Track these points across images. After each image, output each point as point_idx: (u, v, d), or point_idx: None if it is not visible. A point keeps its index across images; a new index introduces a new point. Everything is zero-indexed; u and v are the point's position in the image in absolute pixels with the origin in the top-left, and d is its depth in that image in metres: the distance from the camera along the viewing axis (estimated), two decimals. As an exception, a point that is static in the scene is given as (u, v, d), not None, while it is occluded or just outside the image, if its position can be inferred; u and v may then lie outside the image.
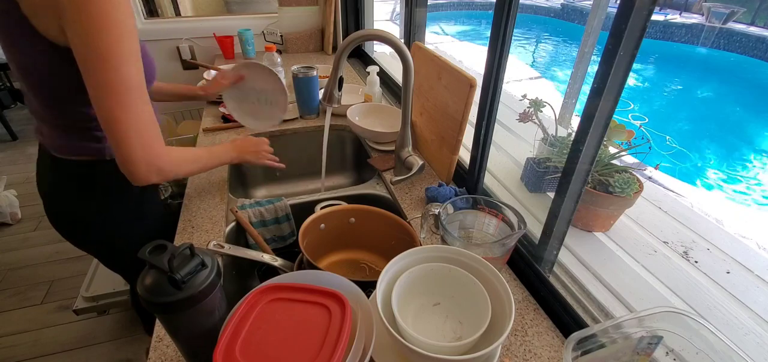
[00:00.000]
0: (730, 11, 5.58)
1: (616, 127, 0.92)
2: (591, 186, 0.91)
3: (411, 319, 0.57)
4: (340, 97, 0.90)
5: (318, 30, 2.05)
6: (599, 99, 0.54)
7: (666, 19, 6.22)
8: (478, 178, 0.92)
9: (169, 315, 0.48)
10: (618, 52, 0.50)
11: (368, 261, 0.85)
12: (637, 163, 1.00)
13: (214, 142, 1.18)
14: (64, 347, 1.53)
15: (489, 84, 0.81)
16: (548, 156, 1.04)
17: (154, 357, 0.60)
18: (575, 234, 0.95)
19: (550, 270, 0.73)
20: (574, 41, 6.64)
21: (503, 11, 0.72)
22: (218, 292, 0.50)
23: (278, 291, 0.51)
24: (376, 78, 1.33)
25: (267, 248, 0.83)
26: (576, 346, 0.48)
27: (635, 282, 0.84)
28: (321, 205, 0.83)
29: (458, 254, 0.58)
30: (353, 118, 1.19)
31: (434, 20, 7.97)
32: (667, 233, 1.03)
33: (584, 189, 0.63)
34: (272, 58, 1.33)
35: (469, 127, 0.90)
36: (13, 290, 1.76)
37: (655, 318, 0.50)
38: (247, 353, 0.44)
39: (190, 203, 0.92)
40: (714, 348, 0.47)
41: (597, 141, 0.58)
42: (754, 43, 5.50)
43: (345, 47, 0.82)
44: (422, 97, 1.08)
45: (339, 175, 1.38)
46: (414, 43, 1.14)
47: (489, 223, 0.73)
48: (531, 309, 0.69)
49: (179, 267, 0.45)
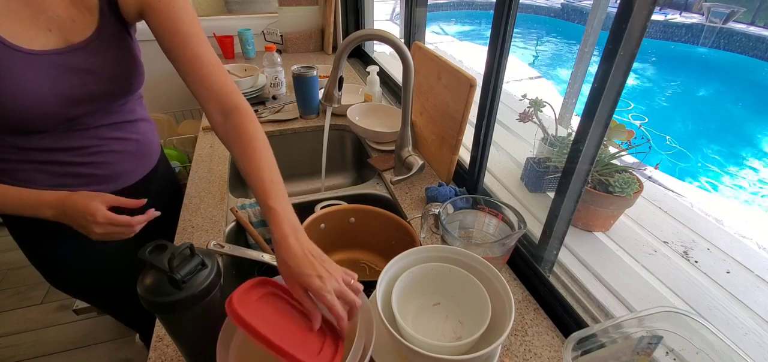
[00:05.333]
0: (730, 11, 5.58)
1: (616, 127, 0.92)
2: (591, 186, 0.91)
3: (411, 319, 0.57)
4: (340, 97, 0.90)
5: (318, 30, 2.05)
6: (599, 99, 0.54)
7: (666, 18, 6.22)
8: (478, 178, 0.92)
9: (169, 315, 0.48)
10: (618, 52, 0.50)
11: (368, 261, 0.85)
12: (637, 162, 1.00)
13: (214, 142, 1.18)
14: (64, 347, 1.53)
15: (489, 84, 0.81)
16: (548, 156, 1.04)
17: (154, 357, 0.60)
18: (575, 234, 0.95)
19: (550, 270, 0.73)
20: (574, 41, 6.64)
21: (503, 11, 0.72)
22: (218, 292, 0.50)
23: (279, 288, 0.52)
24: (376, 78, 1.33)
25: (267, 248, 0.83)
26: (576, 346, 0.48)
27: (635, 282, 0.84)
28: (321, 205, 0.83)
29: (458, 254, 0.58)
30: (353, 118, 1.19)
31: (434, 20, 7.97)
32: (667, 233, 1.03)
33: (584, 189, 0.63)
34: (272, 58, 1.33)
35: (469, 126, 0.90)
36: (13, 290, 1.76)
37: (655, 318, 0.50)
38: (256, 313, 0.44)
39: (190, 203, 0.92)
40: (714, 348, 0.47)
41: (597, 141, 0.58)
42: (754, 43, 5.50)
43: (345, 47, 0.82)
44: (422, 97, 1.08)
45: (339, 174, 1.38)
46: (414, 43, 1.14)
47: (489, 223, 0.73)
48: (531, 309, 0.69)
49: (179, 267, 0.45)
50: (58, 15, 0.61)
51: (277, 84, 1.35)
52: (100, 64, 0.66)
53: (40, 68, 0.60)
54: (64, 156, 0.70)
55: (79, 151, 0.71)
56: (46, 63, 0.61)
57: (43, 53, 0.61)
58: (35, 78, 0.60)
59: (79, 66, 0.64)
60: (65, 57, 0.62)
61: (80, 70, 0.64)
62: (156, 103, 2.03)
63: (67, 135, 0.69)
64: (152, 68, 0.95)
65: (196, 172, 1.04)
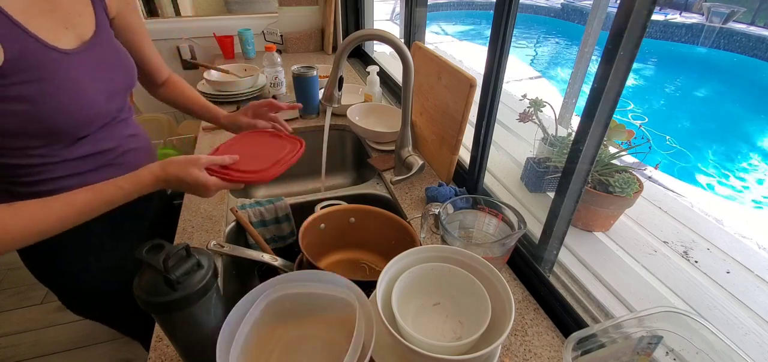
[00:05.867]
0: (730, 11, 5.58)
1: (616, 127, 0.92)
2: (591, 186, 0.91)
3: (411, 319, 0.57)
4: (340, 97, 0.90)
5: (318, 30, 2.05)
6: (599, 99, 0.54)
7: (666, 18, 6.22)
8: (478, 178, 0.92)
9: (164, 315, 0.48)
10: (618, 52, 0.50)
11: (368, 261, 0.85)
12: (637, 162, 1.00)
13: (213, 142, 1.18)
14: (64, 347, 1.53)
15: (489, 84, 0.81)
16: (548, 156, 1.04)
17: (154, 356, 0.60)
18: (575, 234, 0.95)
19: (550, 270, 0.73)
20: (574, 41, 6.64)
21: (503, 11, 0.72)
22: (213, 293, 0.50)
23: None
24: (376, 78, 1.33)
25: (267, 248, 0.83)
26: (576, 346, 0.48)
27: (635, 282, 0.84)
28: (321, 205, 0.83)
29: (458, 254, 0.58)
30: (353, 118, 1.19)
31: (434, 20, 7.97)
32: (667, 233, 1.03)
33: (584, 189, 0.63)
34: (272, 58, 1.33)
35: (469, 126, 0.90)
36: (13, 290, 1.76)
37: (655, 318, 0.50)
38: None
39: (190, 203, 0.92)
40: (714, 348, 0.47)
41: (597, 141, 0.58)
42: (754, 43, 5.50)
43: (345, 47, 0.82)
44: (422, 97, 1.08)
45: (339, 174, 1.38)
46: (414, 43, 1.14)
47: (489, 223, 0.73)
48: (531, 309, 0.69)
49: (175, 267, 0.45)
50: (67, 11, 0.61)
51: (277, 84, 1.35)
52: (113, 55, 0.67)
53: (80, 67, 0.59)
54: (100, 159, 0.69)
55: (109, 153, 0.70)
56: (81, 61, 0.60)
57: (73, 52, 0.59)
58: (82, 78, 0.59)
59: (103, 59, 0.64)
60: (89, 54, 0.62)
61: (105, 63, 0.65)
62: (156, 102, 2.02)
63: (100, 136, 0.67)
64: (152, 68, 0.95)
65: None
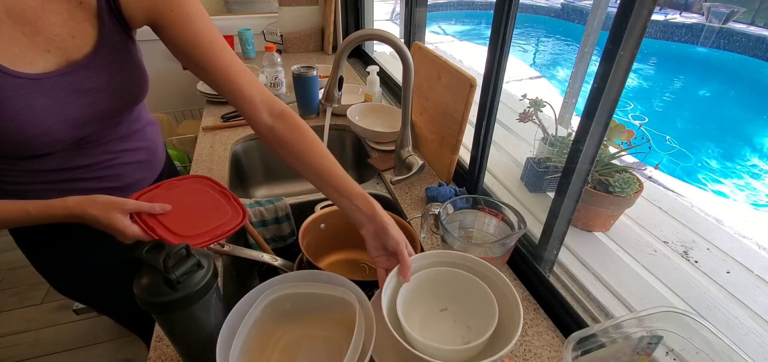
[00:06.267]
0: (730, 11, 5.58)
1: (616, 127, 0.92)
2: (591, 186, 0.91)
3: (418, 325, 0.57)
4: (340, 97, 0.90)
5: (318, 30, 2.05)
6: (599, 99, 0.54)
7: (666, 18, 6.21)
8: (478, 178, 0.92)
9: (164, 315, 0.48)
10: (618, 52, 0.50)
11: (368, 262, 0.85)
12: (637, 162, 1.00)
13: (214, 142, 1.18)
14: (64, 347, 1.53)
15: (489, 84, 0.81)
16: (548, 156, 1.04)
17: (154, 356, 0.60)
18: (575, 234, 0.95)
19: (550, 269, 0.73)
20: (574, 41, 6.64)
21: (503, 11, 0.72)
22: (213, 293, 0.50)
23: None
24: (376, 78, 1.33)
25: (267, 248, 0.83)
26: (576, 346, 0.48)
27: (635, 282, 0.84)
28: (321, 205, 0.83)
29: (463, 259, 0.58)
30: (353, 118, 1.19)
31: (434, 20, 7.96)
32: (667, 233, 1.03)
33: (584, 189, 0.63)
34: (272, 58, 1.33)
35: (469, 126, 0.90)
36: (13, 290, 1.76)
37: (655, 318, 0.50)
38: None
39: (190, 203, 0.92)
40: (714, 348, 0.47)
41: (597, 141, 0.58)
42: (754, 43, 5.50)
43: (345, 47, 0.82)
44: (422, 97, 1.08)
45: (339, 174, 1.38)
46: (414, 43, 1.14)
47: (489, 223, 0.73)
48: (531, 309, 0.69)
49: (175, 267, 0.45)
50: (55, 34, 0.58)
51: (277, 84, 1.35)
52: (105, 81, 0.63)
53: (44, 93, 0.57)
54: (76, 173, 0.68)
55: (91, 167, 0.69)
56: (50, 87, 0.58)
57: (45, 76, 0.57)
58: (40, 104, 0.57)
59: (84, 85, 0.61)
60: (68, 78, 0.59)
61: (85, 89, 0.61)
62: (156, 103, 2.03)
63: (77, 153, 0.66)
64: (153, 68, 0.94)
65: (196, 171, 1.04)
